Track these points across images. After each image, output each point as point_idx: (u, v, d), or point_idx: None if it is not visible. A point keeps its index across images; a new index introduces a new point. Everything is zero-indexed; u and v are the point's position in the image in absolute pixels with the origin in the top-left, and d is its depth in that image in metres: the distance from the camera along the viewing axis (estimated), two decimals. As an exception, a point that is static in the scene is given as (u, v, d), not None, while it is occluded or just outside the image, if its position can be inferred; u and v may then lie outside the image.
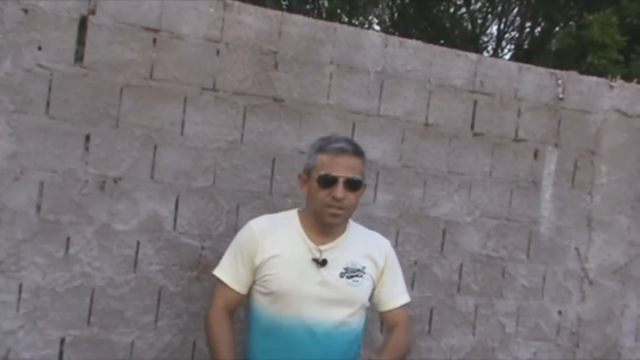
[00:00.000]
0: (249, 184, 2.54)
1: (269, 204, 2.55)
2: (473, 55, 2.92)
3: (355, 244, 2.21)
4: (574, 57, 9.03)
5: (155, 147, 2.40)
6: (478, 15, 14.80)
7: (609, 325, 3.18)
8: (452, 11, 14.80)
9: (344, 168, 2.09)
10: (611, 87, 3.16)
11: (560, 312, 3.08)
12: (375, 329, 2.71)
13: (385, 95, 2.75)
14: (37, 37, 2.24)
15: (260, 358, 2.16)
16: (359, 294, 2.17)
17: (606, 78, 3.22)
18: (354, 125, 2.70)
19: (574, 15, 11.38)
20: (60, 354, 2.30)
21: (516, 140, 2.98)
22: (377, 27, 14.30)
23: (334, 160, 2.10)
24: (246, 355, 2.20)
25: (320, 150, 2.14)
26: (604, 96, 3.14)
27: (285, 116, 2.59)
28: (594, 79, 3.15)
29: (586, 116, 3.10)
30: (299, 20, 2.62)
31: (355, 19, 13.52)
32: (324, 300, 2.11)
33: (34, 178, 2.25)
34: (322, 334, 2.11)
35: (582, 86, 3.10)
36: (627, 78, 3.38)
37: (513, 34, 14.84)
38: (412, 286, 2.75)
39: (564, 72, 3.07)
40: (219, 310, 2.15)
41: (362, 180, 2.15)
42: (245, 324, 2.24)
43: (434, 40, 4.39)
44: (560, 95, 3.04)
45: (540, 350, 3.05)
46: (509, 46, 15.07)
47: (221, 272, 2.18)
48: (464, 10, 14.73)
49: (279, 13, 2.59)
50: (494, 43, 15.05)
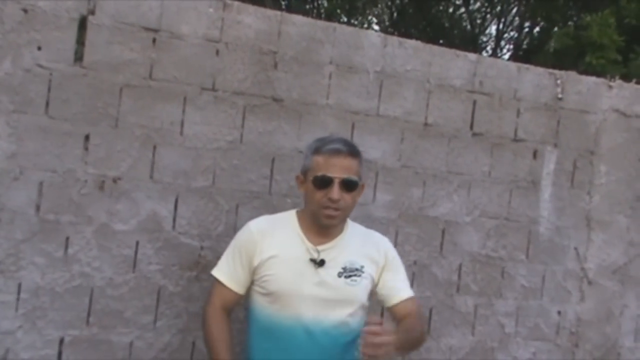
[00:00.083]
0: (249, 184, 2.54)
1: (268, 204, 2.55)
2: (472, 55, 2.92)
3: (354, 244, 2.21)
4: (572, 57, 9.03)
5: (155, 147, 2.40)
6: (477, 15, 14.81)
7: (609, 325, 3.18)
8: (451, 11, 14.81)
9: (340, 169, 2.09)
10: (610, 87, 3.16)
11: (559, 312, 3.08)
12: (375, 329, 2.71)
13: (384, 95, 2.75)
14: (37, 37, 2.24)
15: (260, 358, 2.16)
16: (357, 293, 2.17)
17: (605, 78, 3.22)
18: (353, 125, 2.70)
19: (573, 15, 11.38)
20: (59, 354, 2.30)
21: (515, 140, 2.98)
22: (376, 27, 14.31)
23: (329, 162, 2.10)
24: (246, 356, 2.21)
25: (315, 151, 2.14)
26: (603, 96, 3.14)
27: (284, 116, 2.59)
28: (593, 79, 3.15)
29: (585, 116, 3.11)
30: (298, 20, 2.62)
31: (354, 19, 13.53)
32: (322, 300, 2.12)
33: (34, 178, 2.25)
34: (321, 333, 2.11)
35: (581, 86, 3.10)
36: (626, 78, 3.38)
37: (512, 34, 14.87)
38: (412, 286, 2.72)
39: (563, 72, 3.07)
40: (216, 309, 2.17)
41: (358, 180, 2.14)
42: (245, 324, 2.25)
43: (433, 40, 4.40)
44: (559, 95, 3.04)
45: (539, 350, 3.05)
46: (508, 46, 15.11)
47: (219, 272, 2.20)
48: (463, 10, 14.74)
49: (279, 13, 2.59)
50: (493, 43, 15.06)
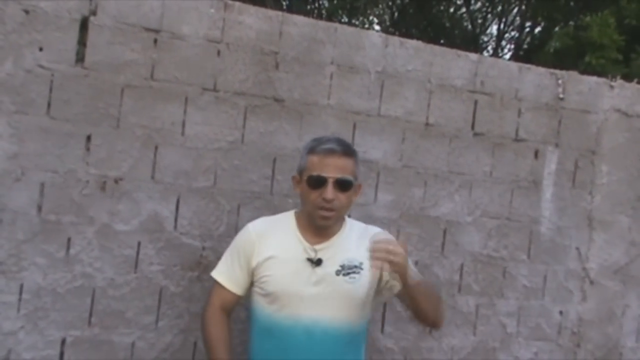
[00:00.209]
0: (250, 184, 2.54)
1: (269, 204, 2.55)
2: (473, 55, 2.91)
3: (351, 241, 2.20)
4: (573, 57, 9.03)
5: (156, 148, 2.41)
6: (478, 15, 14.81)
7: (610, 325, 3.17)
8: (452, 11, 14.81)
9: (334, 169, 2.09)
10: (611, 87, 3.15)
11: (561, 312, 3.08)
12: (376, 329, 2.71)
13: (385, 96, 2.75)
14: (38, 38, 2.24)
15: (260, 358, 2.16)
16: (357, 290, 2.16)
17: (606, 78, 3.22)
18: (354, 126, 2.70)
19: (574, 15, 11.38)
20: (61, 355, 2.30)
21: (517, 140, 2.98)
22: (378, 27, 14.30)
23: (324, 161, 2.10)
24: (248, 356, 2.21)
25: (310, 151, 2.15)
26: (604, 96, 3.14)
27: (286, 116, 2.59)
28: (594, 79, 3.15)
29: (586, 116, 3.10)
30: (299, 20, 2.62)
31: (355, 19, 13.53)
32: (321, 299, 2.11)
33: (35, 178, 2.25)
34: (320, 333, 2.11)
35: (583, 86, 3.10)
36: (628, 78, 3.37)
37: (513, 34, 14.87)
38: (413, 286, 2.75)
39: (564, 72, 3.07)
40: (215, 310, 2.18)
41: (353, 180, 2.14)
42: (247, 325, 2.25)
43: (434, 40, 4.40)
44: (561, 95, 3.04)
45: (541, 350, 3.05)
46: (509, 46, 15.10)
47: (217, 274, 2.22)
48: (464, 10, 14.73)
49: (280, 13, 2.59)
50: (494, 43, 15.06)
